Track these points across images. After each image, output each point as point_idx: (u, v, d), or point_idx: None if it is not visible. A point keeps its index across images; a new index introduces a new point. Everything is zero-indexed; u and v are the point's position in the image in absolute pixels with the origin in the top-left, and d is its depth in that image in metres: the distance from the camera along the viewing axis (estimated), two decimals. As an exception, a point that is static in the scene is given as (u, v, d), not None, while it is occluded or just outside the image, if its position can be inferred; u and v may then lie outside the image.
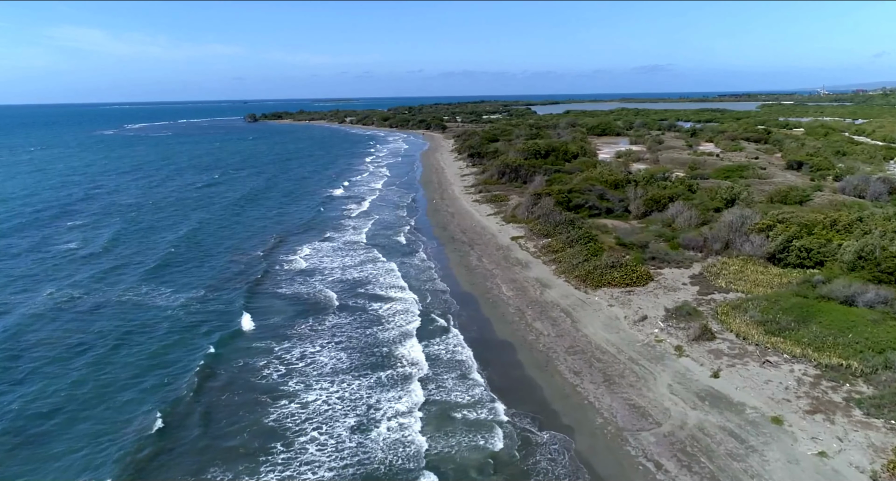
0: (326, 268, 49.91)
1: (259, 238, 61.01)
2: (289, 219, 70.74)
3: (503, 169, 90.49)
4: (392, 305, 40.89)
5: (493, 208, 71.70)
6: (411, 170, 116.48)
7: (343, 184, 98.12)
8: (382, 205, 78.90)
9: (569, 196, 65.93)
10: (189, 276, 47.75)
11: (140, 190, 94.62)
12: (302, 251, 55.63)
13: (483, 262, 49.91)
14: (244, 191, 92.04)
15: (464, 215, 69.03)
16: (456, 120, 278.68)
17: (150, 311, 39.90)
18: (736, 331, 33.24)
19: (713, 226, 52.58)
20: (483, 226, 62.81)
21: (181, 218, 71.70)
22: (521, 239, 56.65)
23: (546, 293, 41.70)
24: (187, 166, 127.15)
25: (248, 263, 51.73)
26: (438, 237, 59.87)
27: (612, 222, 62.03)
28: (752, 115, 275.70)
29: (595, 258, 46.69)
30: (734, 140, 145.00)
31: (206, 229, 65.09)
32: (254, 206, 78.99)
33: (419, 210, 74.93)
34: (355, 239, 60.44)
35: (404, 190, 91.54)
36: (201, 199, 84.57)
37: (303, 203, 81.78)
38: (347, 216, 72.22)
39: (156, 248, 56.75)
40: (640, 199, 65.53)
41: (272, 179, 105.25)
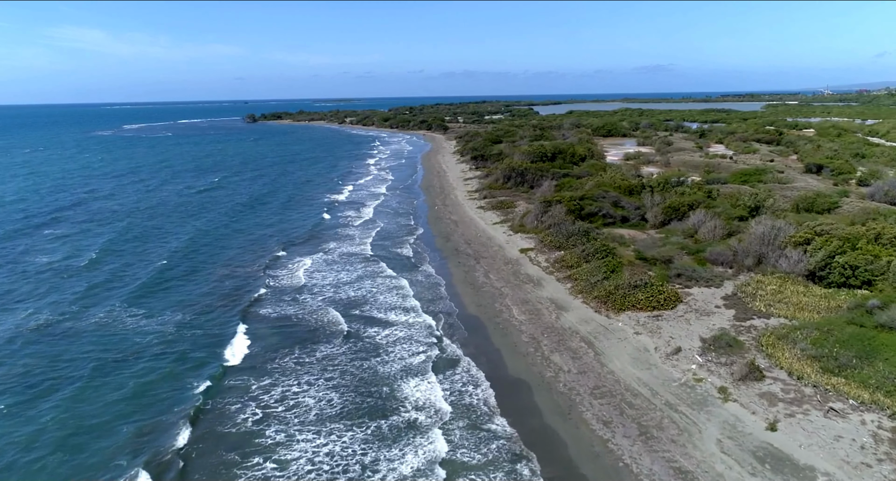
0: (327, 286, 45.37)
1: (258, 249, 56.57)
2: (290, 227, 66.24)
3: (509, 172, 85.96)
4: (392, 331, 36.41)
5: (500, 216, 67.16)
6: (413, 173, 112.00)
7: (344, 190, 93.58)
8: (383, 213, 74.40)
9: (581, 203, 61.40)
10: (180, 295, 43.20)
11: (135, 195, 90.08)
12: (303, 263, 51.25)
13: (490, 279, 45.38)
14: (243, 196, 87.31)
15: (468, 224, 64.50)
16: (457, 120, 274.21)
17: (130, 340, 35.35)
18: (788, 369, 28.70)
19: (742, 239, 48.04)
20: (489, 237, 58.27)
21: (177, 226, 67.25)
22: (530, 251, 52.12)
23: (563, 317, 37.18)
24: (184, 169, 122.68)
25: (245, 279, 47.32)
26: (441, 249, 55.32)
27: (628, 232, 57.48)
28: (759, 115, 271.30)
29: (615, 275, 42.18)
30: (745, 141, 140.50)
31: (202, 239, 60.64)
32: (253, 213, 74.56)
33: (420, 217, 70.39)
34: (357, 250, 55.93)
35: (405, 195, 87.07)
36: (198, 206, 80.00)
37: (304, 209, 77.23)
38: (349, 224, 67.60)
39: (147, 262, 52.26)
40: (657, 207, 60.99)
41: (272, 183, 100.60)
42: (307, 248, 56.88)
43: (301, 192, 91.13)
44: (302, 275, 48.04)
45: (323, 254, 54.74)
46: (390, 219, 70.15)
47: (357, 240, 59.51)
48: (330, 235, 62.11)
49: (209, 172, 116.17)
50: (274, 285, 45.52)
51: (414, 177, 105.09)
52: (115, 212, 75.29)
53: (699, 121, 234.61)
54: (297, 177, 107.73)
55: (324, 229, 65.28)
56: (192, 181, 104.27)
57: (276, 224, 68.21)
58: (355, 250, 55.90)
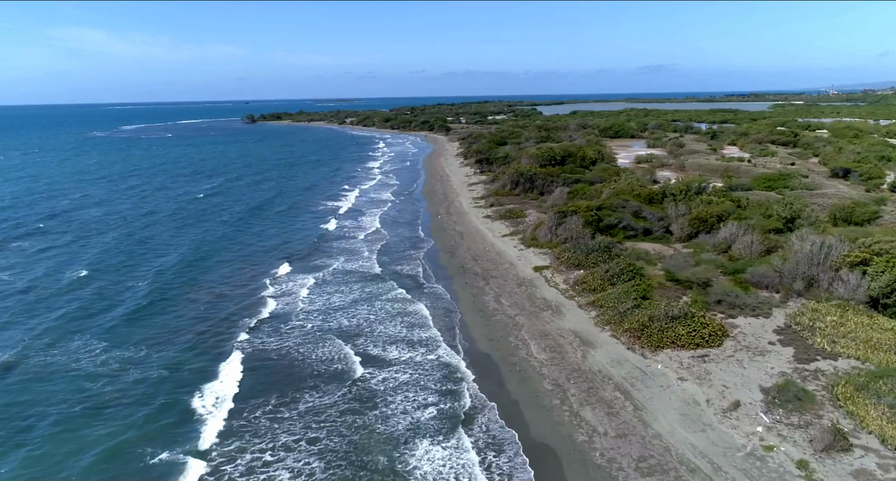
0: (329, 312, 39.92)
1: (258, 266, 51.14)
2: (292, 240, 60.70)
3: (516, 178, 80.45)
4: (391, 374, 30.89)
5: (509, 226, 61.64)
6: (415, 177, 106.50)
7: (344, 197, 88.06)
8: (386, 223, 68.87)
9: (598, 214, 55.88)
10: (165, 329, 37.28)
11: (129, 201, 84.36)
12: (305, 283, 45.89)
13: (502, 304, 39.86)
14: (242, 204, 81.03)
15: (474, 236, 59.00)
16: (460, 121, 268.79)
17: (100, 388, 29.74)
18: (879, 434, 23.20)
19: (786, 257, 42.45)
20: (498, 251, 52.76)
21: (171, 237, 61.79)
22: (546, 270, 46.57)
23: (590, 356, 31.67)
24: (180, 173, 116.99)
25: (241, 302, 41.94)
26: (446, 266, 49.78)
27: (652, 247, 51.95)
28: (767, 115, 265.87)
29: (647, 303, 36.66)
30: (761, 143, 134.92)
31: (197, 253, 55.25)
32: (252, 223, 68.83)
33: (422, 228, 64.87)
34: (360, 268, 50.44)
35: (408, 203, 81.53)
36: (194, 214, 74.17)
37: (305, 219, 71.36)
38: (353, 236, 61.85)
39: (135, 282, 46.69)
40: (683, 218, 55.44)
41: (271, 189, 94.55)
42: (309, 264, 51.38)
43: (301, 199, 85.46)
44: (302, 297, 42.66)
45: (326, 272, 49.07)
46: (392, 229, 64.59)
47: (363, 256, 53.96)
48: (333, 249, 56.43)
49: (205, 177, 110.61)
50: (272, 311, 40.01)
51: (416, 183, 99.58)
52: (106, 222, 69.64)
53: (707, 122, 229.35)
54: (297, 183, 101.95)
55: (328, 240, 59.92)
56: (189, 186, 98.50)
57: (277, 235, 62.78)
58: (358, 267, 50.38)
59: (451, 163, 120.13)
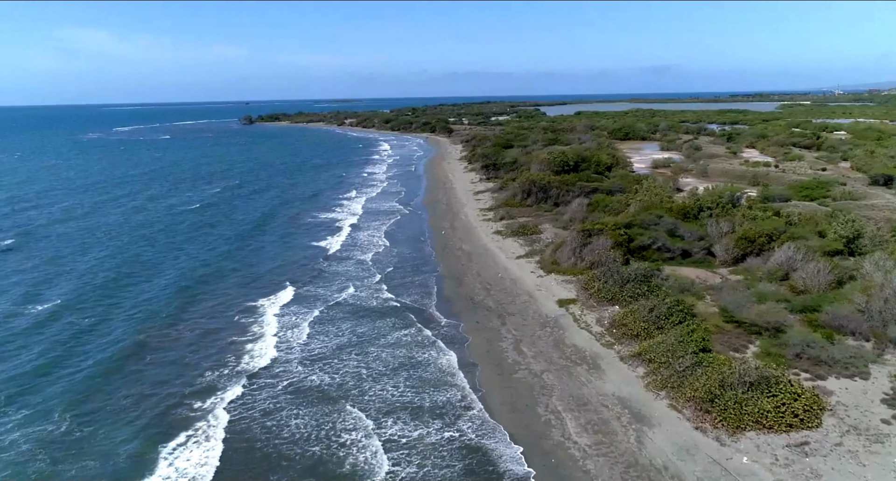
0: (333, 361, 32.22)
1: (252, 297, 43.00)
2: (293, 261, 52.81)
3: (528, 187, 72.74)
4: (389, 466, 23.20)
5: (523, 245, 53.88)
6: (417, 184, 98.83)
7: (344, 209, 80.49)
8: (379, 241, 61.21)
9: (628, 232, 48.13)
10: (133, 401, 28.72)
11: (116, 214, 75.47)
12: (306, 318, 38.42)
13: (524, 355, 32.12)
14: (234, 222, 70.62)
15: (484, 257, 51.26)
16: (462, 122, 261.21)
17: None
18: None
19: (868, 291, 34.68)
20: (514, 278, 44.99)
21: (160, 260, 53.28)
22: (573, 304, 38.84)
23: (647, 440, 23.94)
24: (172, 181, 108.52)
25: (229, 349, 34.16)
26: (451, 298, 41.96)
27: (695, 273, 44.23)
28: (777, 116, 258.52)
29: (707, 356, 28.89)
30: (782, 146, 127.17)
31: (187, 279, 47.18)
32: (249, 243, 59.90)
33: (426, 246, 57.11)
34: (358, 301, 42.75)
35: (410, 215, 73.72)
36: (186, 232, 64.88)
37: (306, 236, 62.42)
38: (353, 258, 54.20)
39: (109, 324, 38.28)
40: (727, 238, 47.70)
41: (267, 203, 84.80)
42: (311, 294, 43.44)
43: (301, 212, 76.47)
44: (301, 342, 34.95)
45: (329, 305, 41.28)
46: (396, 248, 56.78)
47: (367, 285, 46.23)
48: (337, 275, 48.32)
49: (199, 185, 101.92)
50: (260, 365, 31.98)
51: (418, 191, 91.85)
52: (89, 239, 61.15)
53: (717, 123, 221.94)
54: (296, 193, 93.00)
55: (331, 262, 51.96)
56: (181, 196, 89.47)
57: (277, 255, 54.42)
58: (362, 302, 42.65)
59: (454, 168, 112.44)
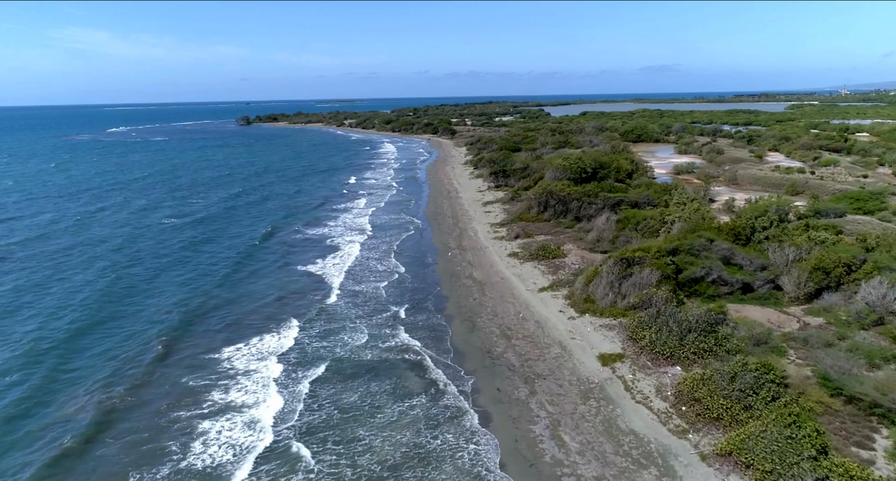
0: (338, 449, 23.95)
1: (242, 354, 34.26)
2: (292, 296, 43.75)
3: (545, 199, 64.32)
4: None
5: (545, 272, 45.42)
6: (419, 192, 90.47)
7: (344, 226, 72.19)
8: (390, 264, 52.84)
9: (675, 260, 39.71)
10: None
11: (95, 230, 65.83)
12: (304, 387, 29.87)
13: (567, 448, 23.68)
14: (228, 242, 60.64)
15: (499, 288, 42.82)
16: (465, 122, 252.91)
17: None
18: None
19: None
20: (539, 320, 36.58)
21: (138, 299, 43.43)
22: (620, 361, 30.40)
23: None
24: (157, 190, 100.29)
25: (211, 440, 25.75)
26: (463, 349, 33.40)
27: (762, 313, 35.84)
28: (789, 116, 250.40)
29: (831, 463, 20.51)
30: (810, 149, 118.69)
31: (168, 324, 38.21)
32: (242, 272, 49.97)
33: (430, 272, 48.68)
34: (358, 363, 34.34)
35: (413, 231, 65.27)
36: (174, 255, 55.31)
37: (307, 262, 52.62)
38: (356, 295, 45.99)
39: (67, 394, 29.60)
40: (795, 267, 39.25)
41: (258, 215, 76.63)
42: (313, 352, 34.37)
43: (302, 226, 68.21)
44: (300, 433, 26.59)
45: (332, 367, 32.33)
46: (406, 270, 48.48)
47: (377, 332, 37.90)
48: (338, 317, 39.90)
49: (186, 196, 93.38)
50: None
51: (420, 201, 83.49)
52: (60, 268, 50.75)
53: (728, 124, 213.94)
54: (295, 204, 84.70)
55: (338, 299, 43.36)
56: (167, 210, 79.40)
57: (273, 288, 45.22)
58: (358, 368, 34.32)
59: (458, 174, 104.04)
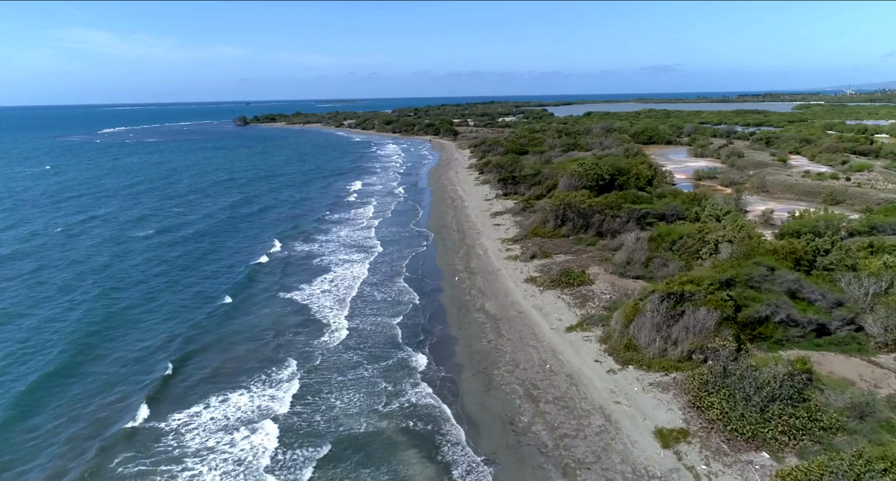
0: None
1: (230, 407, 27.86)
2: (287, 330, 37.40)
3: (562, 211, 57.38)
4: None
5: (571, 304, 38.44)
6: (422, 199, 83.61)
7: (348, 241, 65.33)
8: (401, 293, 45.93)
9: (731, 295, 32.71)
10: None
11: (83, 251, 57.07)
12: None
13: None
14: (212, 268, 52.16)
15: (518, 326, 35.86)
16: (467, 123, 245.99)
17: None
18: None
19: None
20: (571, 374, 29.62)
21: (118, 345, 35.62)
22: (685, 440, 23.44)
23: None
24: (145, 197, 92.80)
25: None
26: (476, 417, 26.19)
27: (849, 365, 28.85)
28: (798, 116, 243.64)
29: None
30: (835, 152, 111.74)
31: (137, 388, 31.21)
32: (234, 312, 41.23)
33: (434, 303, 41.71)
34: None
35: (419, 246, 58.32)
36: (164, 277, 48.20)
37: (305, 282, 46.60)
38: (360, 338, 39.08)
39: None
40: (876, 300, 32.30)
41: (250, 226, 69.79)
42: (310, 419, 28.21)
43: (297, 245, 62.15)
44: None
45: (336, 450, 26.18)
46: (417, 293, 41.60)
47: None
48: (341, 363, 33.58)
49: (178, 205, 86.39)
50: None
51: (421, 211, 76.57)
52: (29, 302, 42.14)
53: (737, 124, 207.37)
54: (288, 215, 77.83)
55: (339, 349, 36.75)
56: (167, 218, 72.62)
57: (268, 329, 37.98)
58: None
59: (463, 180, 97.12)
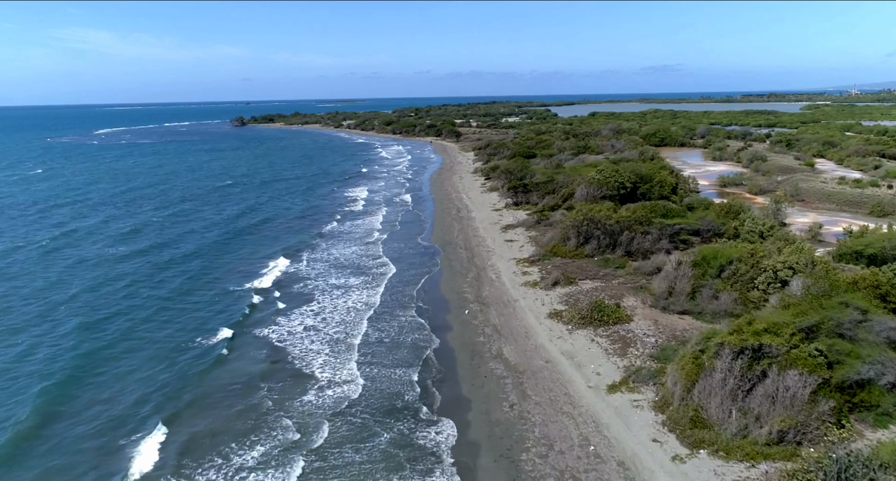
0: None
1: None
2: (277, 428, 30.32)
3: (585, 227, 50.28)
4: None
5: (609, 350, 31.36)
6: (426, 210, 76.62)
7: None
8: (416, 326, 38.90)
9: (822, 350, 25.61)
10: None
11: (64, 266, 50.92)
12: None
13: None
14: (221, 287, 45.91)
15: (547, 382, 28.75)
16: (470, 123, 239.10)
17: None
18: None
19: None
20: (625, 461, 22.53)
21: (84, 397, 29.16)
22: None
23: None
24: (133, 205, 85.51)
25: None
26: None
27: None
28: (812, 117, 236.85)
29: None
30: (865, 156, 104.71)
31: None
32: (222, 349, 36.31)
33: (440, 338, 34.72)
34: None
35: (427, 268, 51.19)
36: (148, 313, 40.13)
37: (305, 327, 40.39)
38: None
39: None
40: None
41: (244, 236, 63.09)
42: None
43: (301, 271, 55.28)
44: None
45: None
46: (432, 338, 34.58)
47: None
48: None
49: (170, 217, 78.85)
50: None
51: (427, 220, 69.56)
52: None
53: (748, 125, 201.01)
54: (288, 228, 70.27)
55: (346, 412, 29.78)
56: (161, 231, 64.60)
57: (257, 378, 31.72)
58: None
59: (468, 186, 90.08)
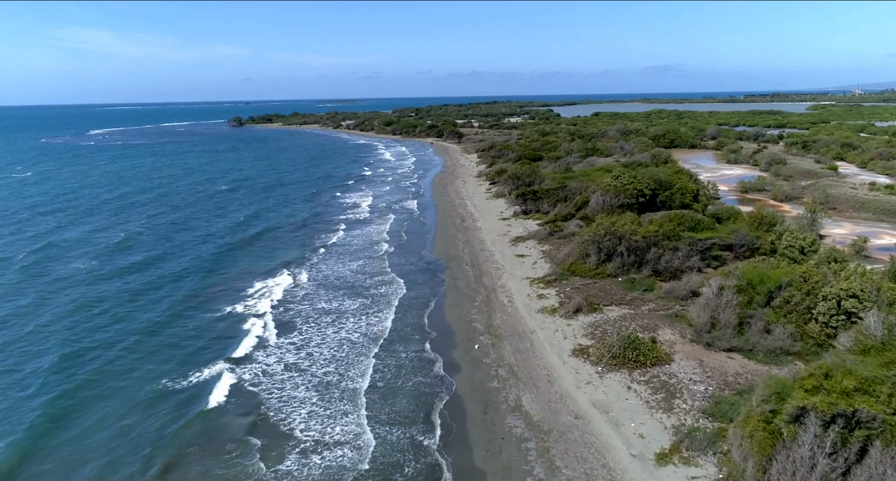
0: None
1: None
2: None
3: (609, 243, 44.95)
4: None
5: (650, 402, 26.06)
6: (429, 219, 71.34)
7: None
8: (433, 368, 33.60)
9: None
10: None
11: (37, 294, 45.09)
12: None
13: None
14: (213, 313, 41.02)
15: (579, 447, 23.46)
16: (471, 124, 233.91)
17: None
18: None
19: None
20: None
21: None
22: None
23: None
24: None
25: None
26: None
27: None
28: (820, 117, 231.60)
29: None
30: (890, 159, 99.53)
31: None
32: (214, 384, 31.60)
33: (444, 391, 29.42)
34: None
35: (440, 289, 45.83)
36: (114, 348, 34.75)
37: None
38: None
39: None
40: None
41: (237, 246, 58.39)
42: None
43: (305, 290, 50.06)
44: None
45: None
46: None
47: None
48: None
49: (147, 227, 72.69)
50: None
51: (427, 232, 64.25)
52: None
53: (756, 126, 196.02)
54: (289, 241, 65.32)
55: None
56: (138, 250, 57.81)
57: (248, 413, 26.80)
58: None
59: (472, 191, 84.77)
